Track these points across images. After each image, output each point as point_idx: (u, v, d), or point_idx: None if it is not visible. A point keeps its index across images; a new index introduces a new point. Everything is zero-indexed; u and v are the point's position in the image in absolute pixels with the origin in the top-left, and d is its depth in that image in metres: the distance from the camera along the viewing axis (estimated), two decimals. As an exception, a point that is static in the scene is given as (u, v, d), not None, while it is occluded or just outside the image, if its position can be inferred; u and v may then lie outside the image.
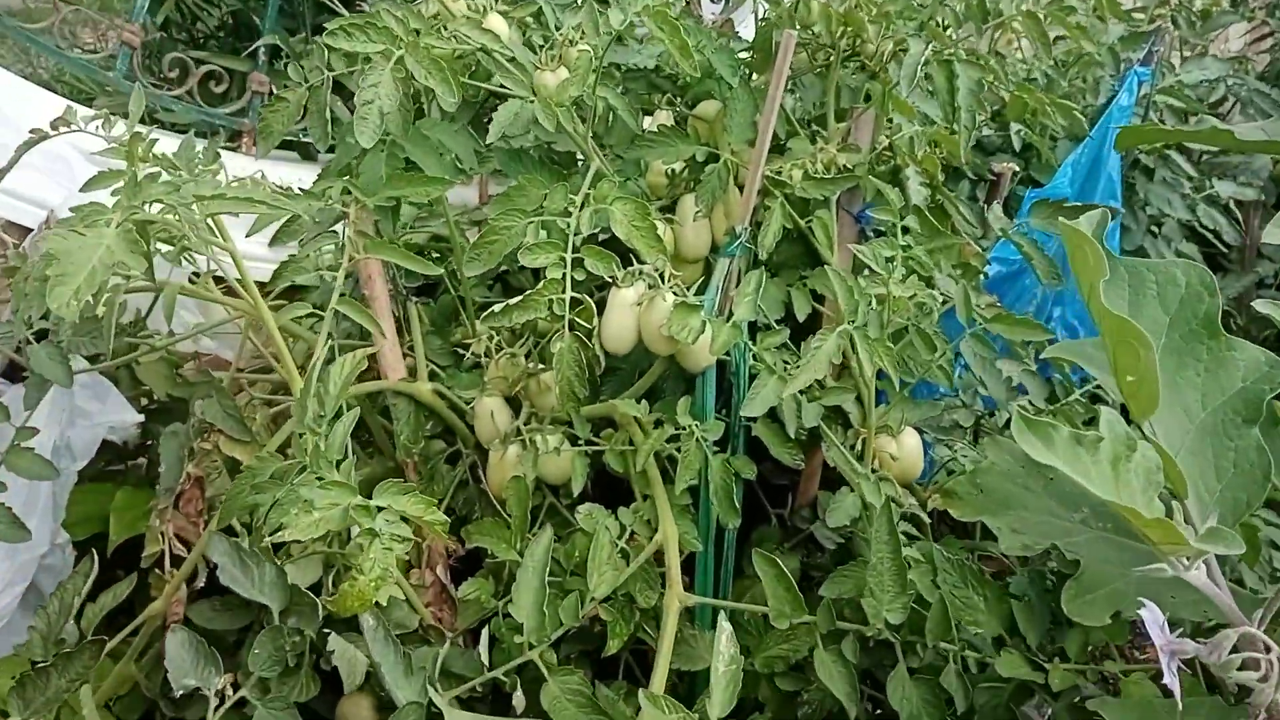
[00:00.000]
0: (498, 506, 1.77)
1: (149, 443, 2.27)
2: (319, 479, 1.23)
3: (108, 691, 1.79)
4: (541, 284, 1.59)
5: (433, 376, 1.95)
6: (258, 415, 2.00)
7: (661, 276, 1.65)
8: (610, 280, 1.62)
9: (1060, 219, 1.01)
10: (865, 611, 1.35)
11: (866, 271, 1.56)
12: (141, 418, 2.06)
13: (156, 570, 1.89)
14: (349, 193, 1.68)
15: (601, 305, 1.66)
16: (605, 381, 1.92)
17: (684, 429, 1.62)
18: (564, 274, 1.62)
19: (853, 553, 1.82)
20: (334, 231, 1.79)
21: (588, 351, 1.65)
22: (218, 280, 1.81)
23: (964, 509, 1.39)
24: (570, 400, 1.64)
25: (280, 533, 1.17)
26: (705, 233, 1.89)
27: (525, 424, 1.72)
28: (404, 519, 1.25)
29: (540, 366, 1.71)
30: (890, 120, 1.99)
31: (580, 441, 1.70)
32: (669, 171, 1.91)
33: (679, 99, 2.03)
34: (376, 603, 1.59)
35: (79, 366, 2.02)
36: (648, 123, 1.98)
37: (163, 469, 1.93)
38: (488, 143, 1.67)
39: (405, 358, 1.95)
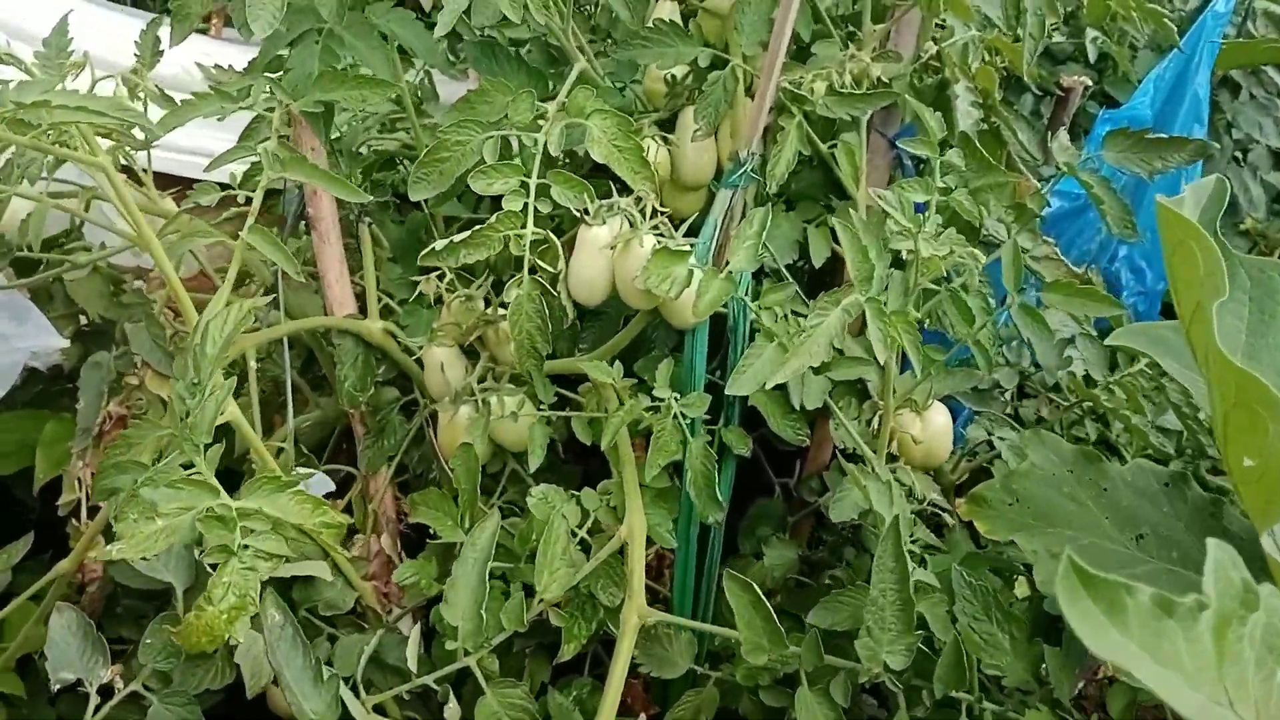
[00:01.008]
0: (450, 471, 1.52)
1: (87, 368, 2.04)
2: (178, 474, 0.98)
3: (12, 655, 1.59)
4: (496, 216, 1.30)
5: (389, 312, 1.68)
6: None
7: (645, 211, 1.35)
8: (580, 215, 1.33)
9: (1160, 202, 0.70)
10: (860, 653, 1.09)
11: (890, 221, 1.25)
12: (66, 343, 1.82)
13: (73, 520, 1.68)
14: (272, 93, 1.38)
15: (572, 244, 1.37)
16: (587, 327, 1.65)
17: (661, 401, 1.35)
18: (525, 204, 1.33)
19: (864, 542, 1.56)
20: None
21: (552, 300, 1.37)
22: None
23: (995, 524, 1.12)
24: (530, 357, 1.37)
25: (115, 546, 0.93)
26: (709, 154, 1.58)
27: (481, 381, 1.45)
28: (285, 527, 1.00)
29: (500, 313, 1.43)
30: (942, 23, 1.65)
31: (542, 406, 1.43)
32: (668, 78, 1.59)
33: (689, -12, 1.70)
34: (297, 579, 1.36)
35: (-8, 284, 1.79)
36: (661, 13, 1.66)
37: (81, 404, 1.70)
38: (441, 34, 1.35)
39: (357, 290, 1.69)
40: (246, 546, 0.97)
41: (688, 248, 1.32)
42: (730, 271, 1.30)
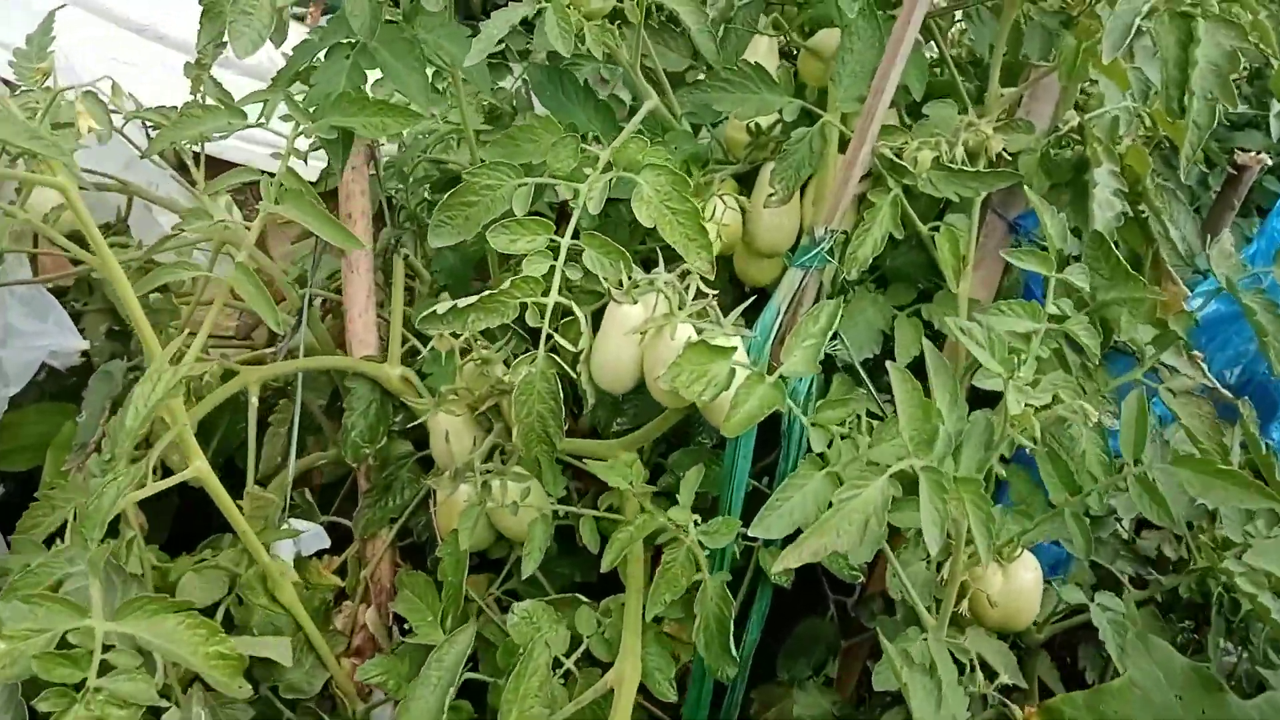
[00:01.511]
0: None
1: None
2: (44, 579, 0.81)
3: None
4: (510, 280, 1.10)
5: (415, 355, 1.50)
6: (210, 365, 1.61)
7: (689, 290, 1.13)
8: (608, 290, 1.12)
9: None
10: None
11: (972, 359, 0.98)
12: (85, 344, 1.71)
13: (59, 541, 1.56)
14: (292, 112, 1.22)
15: (599, 320, 1.16)
16: (629, 399, 1.43)
17: (679, 524, 1.12)
18: (551, 268, 1.13)
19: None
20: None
21: (576, 381, 1.16)
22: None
23: (1070, 759, 0.86)
24: (539, 443, 1.17)
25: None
26: (790, 218, 1.35)
27: (487, 459, 1.26)
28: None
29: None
30: (1090, 88, 1.37)
31: (552, 498, 1.23)
32: (752, 126, 1.36)
33: (796, 23, 1.46)
34: (257, 661, 1.19)
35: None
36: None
37: (83, 417, 1.57)
38: (474, 60, 1.16)
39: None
40: (100, 690, 0.80)
41: (733, 342, 1.10)
42: (778, 377, 1.07)
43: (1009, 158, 1.24)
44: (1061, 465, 1.00)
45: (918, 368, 1.39)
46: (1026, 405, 0.88)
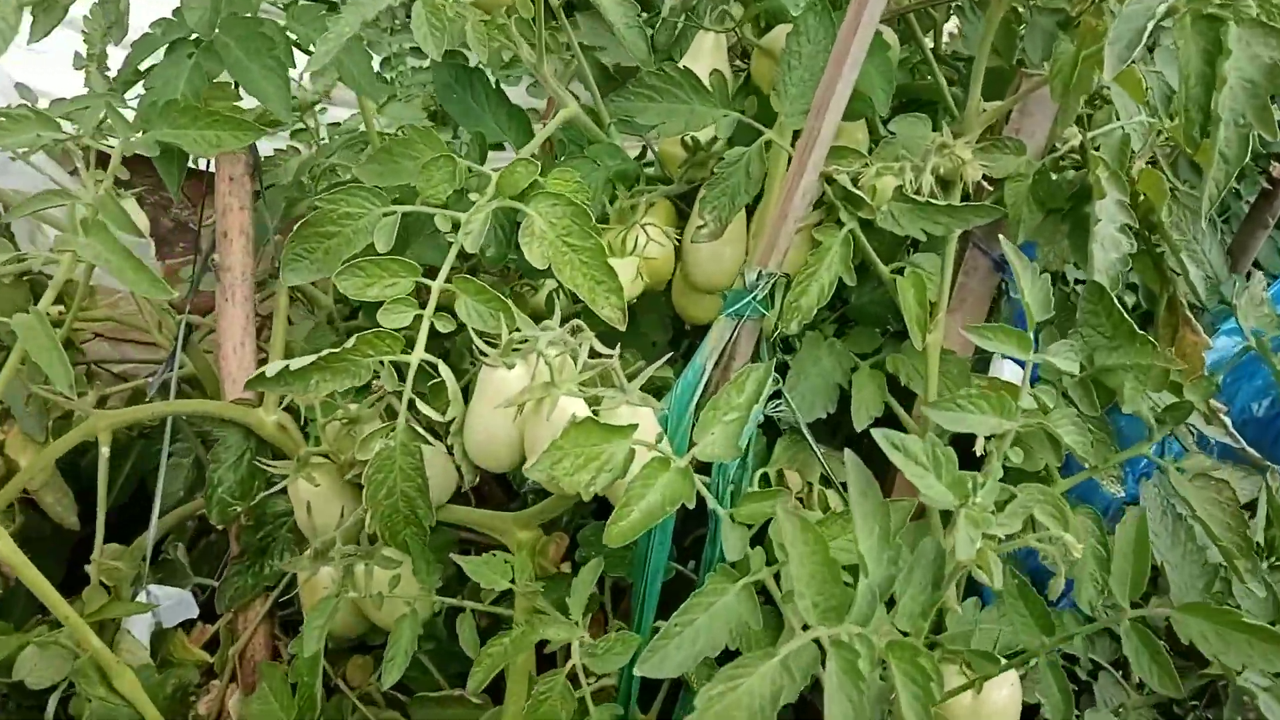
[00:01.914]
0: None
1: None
2: None
3: None
4: (355, 339, 0.89)
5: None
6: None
7: (591, 350, 0.91)
8: (477, 351, 0.90)
9: None
10: None
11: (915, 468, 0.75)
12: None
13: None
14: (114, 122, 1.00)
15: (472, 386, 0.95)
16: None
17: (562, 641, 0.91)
18: (416, 319, 0.92)
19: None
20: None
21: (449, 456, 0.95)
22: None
23: None
24: (406, 525, 0.96)
25: None
26: (734, 249, 1.13)
27: (351, 539, 1.05)
28: None
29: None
30: (1096, 102, 1.15)
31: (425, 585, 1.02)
32: (688, 140, 1.14)
33: (749, 15, 1.24)
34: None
35: None
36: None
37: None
38: (318, 65, 0.94)
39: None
40: None
41: (638, 416, 0.88)
42: (687, 465, 0.85)
43: (989, 187, 1.02)
44: (1035, 604, 0.77)
45: (886, 424, 1.18)
46: (986, 537, 0.66)
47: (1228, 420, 1.11)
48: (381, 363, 0.91)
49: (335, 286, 0.92)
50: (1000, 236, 0.82)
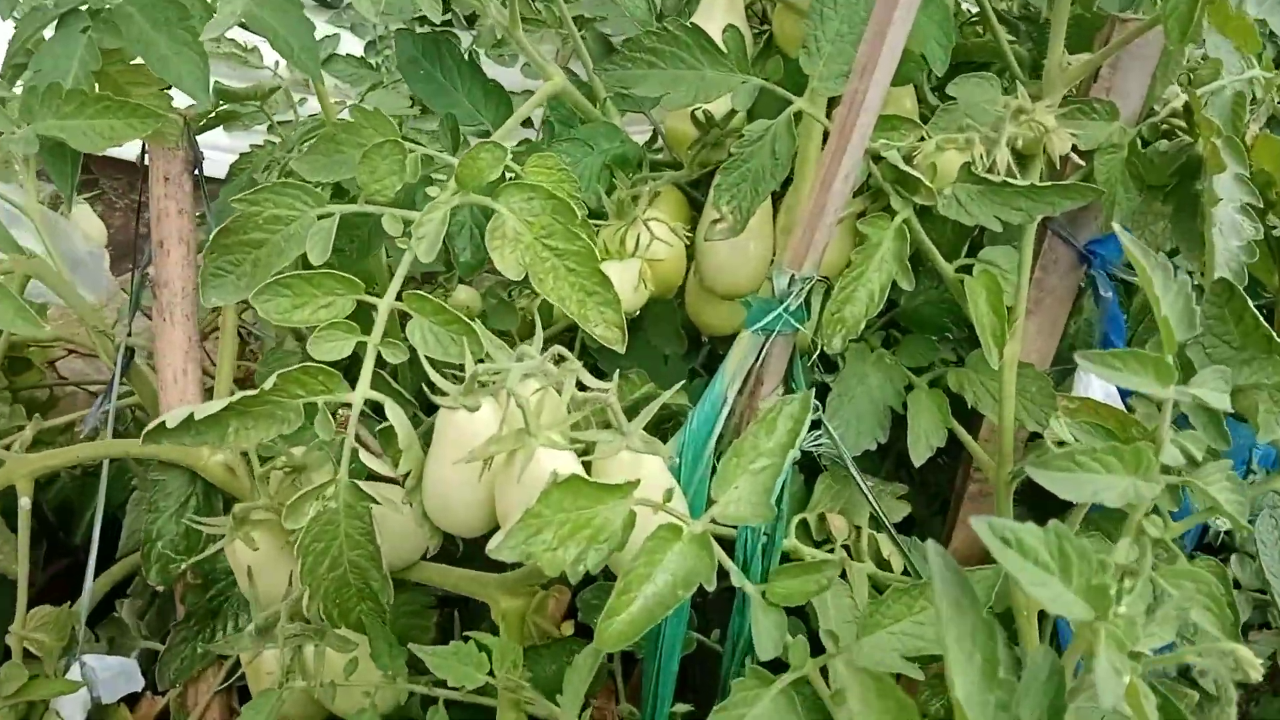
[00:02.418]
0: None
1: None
2: None
3: None
4: (277, 377, 0.70)
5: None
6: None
7: (578, 383, 0.71)
8: (431, 387, 0.70)
9: None
10: None
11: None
12: None
13: None
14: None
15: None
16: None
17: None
18: (359, 348, 0.73)
19: None
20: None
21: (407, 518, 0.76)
22: None
23: None
24: (358, 602, 0.77)
25: None
26: (759, 246, 0.93)
27: (297, 613, 0.86)
28: None
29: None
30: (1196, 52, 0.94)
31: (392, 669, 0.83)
32: (699, 115, 0.94)
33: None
34: None
35: None
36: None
37: None
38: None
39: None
40: None
41: (634, 471, 0.69)
42: (705, 530, 0.66)
43: (1079, 162, 0.81)
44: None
45: (947, 450, 0.98)
46: (1132, 655, 0.46)
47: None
48: (314, 405, 0.71)
49: (263, 315, 0.73)
50: (1115, 226, 0.62)
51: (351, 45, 1.98)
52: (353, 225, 0.92)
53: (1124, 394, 0.99)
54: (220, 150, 1.60)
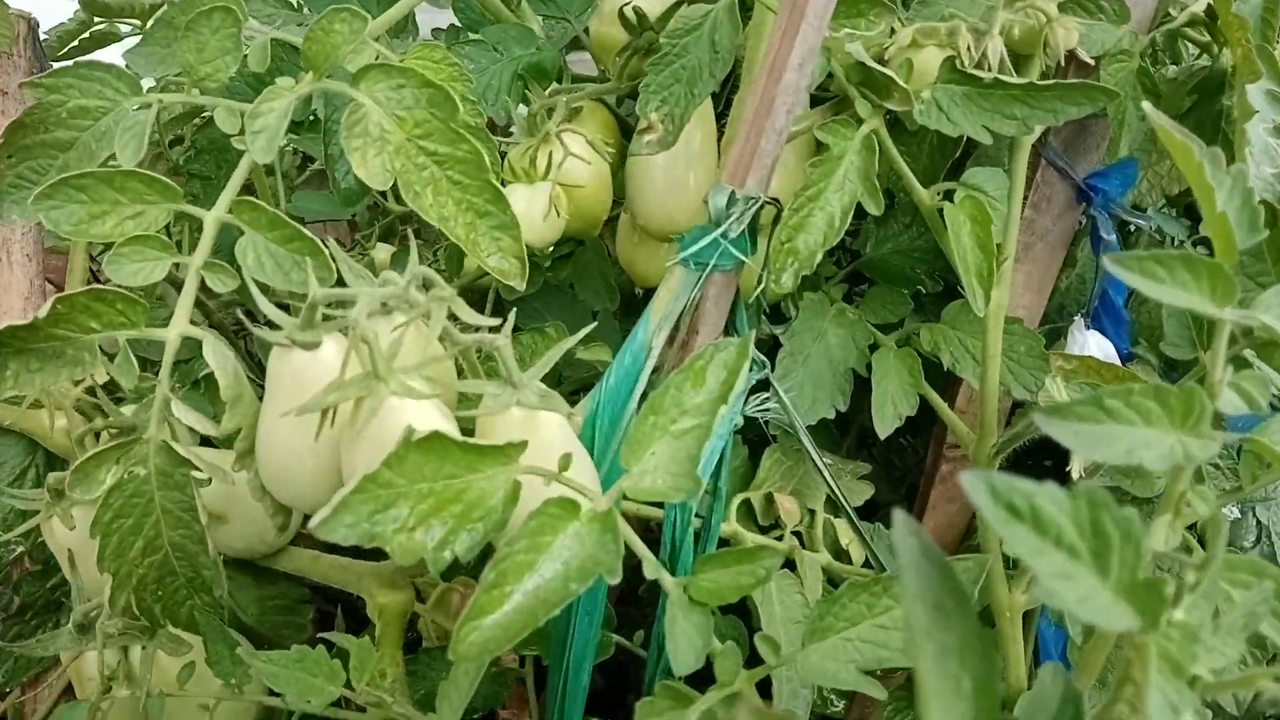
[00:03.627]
0: None
1: None
2: None
3: None
4: (58, 301, 0.54)
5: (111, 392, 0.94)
6: None
7: (452, 317, 0.56)
8: (278, 316, 0.54)
9: None
10: None
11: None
12: None
13: None
14: None
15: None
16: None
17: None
18: (175, 269, 0.57)
19: None
20: None
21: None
22: None
23: None
24: (189, 595, 0.61)
25: None
26: (699, 172, 0.77)
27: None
28: None
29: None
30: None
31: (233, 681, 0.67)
32: (629, 13, 0.78)
33: None
34: None
35: None
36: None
37: None
38: None
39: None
40: None
41: (524, 431, 0.53)
42: (619, 498, 0.50)
43: (1088, 62, 0.67)
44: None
45: (916, 426, 0.84)
46: (1189, 681, 0.32)
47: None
48: (114, 340, 0.55)
49: (49, 225, 0.57)
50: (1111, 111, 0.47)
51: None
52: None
53: (1124, 358, 0.85)
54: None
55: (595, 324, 0.71)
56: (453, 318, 0.55)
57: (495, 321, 0.56)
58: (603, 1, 0.80)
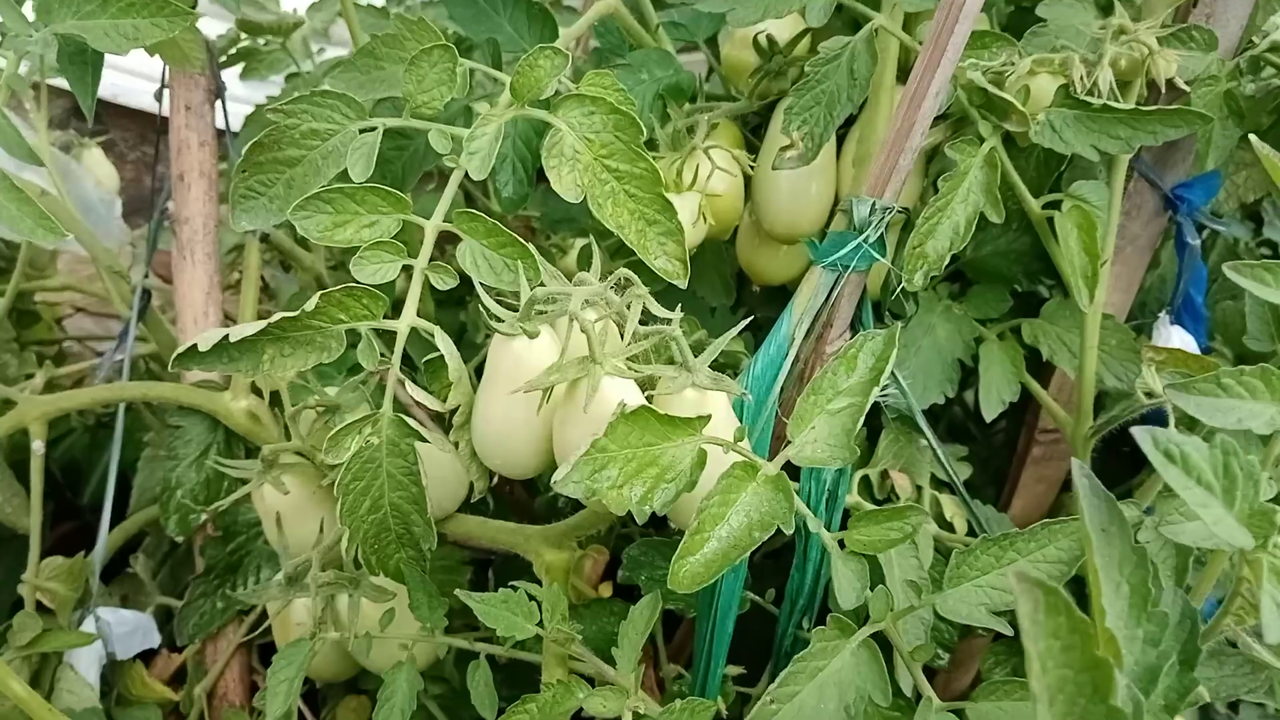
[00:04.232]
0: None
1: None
2: None
3: None
4: (319, 297, 0.64)
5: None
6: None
7: (645, 312, 0.66)
8: (488, 313, 0.65)
9: None
10: None
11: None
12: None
13: None
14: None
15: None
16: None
17: (602, 699, 0.66)
18: (405, 271, 0.67)
19: None
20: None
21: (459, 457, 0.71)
22: None
23: None
24: (398, 549, 0.72)
25: None
26: (822, 185, 0.87)
27: (330, 561, 0.81)
28: None
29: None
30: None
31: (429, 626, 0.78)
32: (761, 39, 0.88)
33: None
34: None
35: None
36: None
37: None
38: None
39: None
40: None
41: (710, 405, 0.63)
42: (780, 471, 0.60)
43: (1183, 88, 0.75)
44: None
45: (1014, 412, 0.93)
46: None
47: None
48: (358, 331, 0.66)
49: (301, 232, 0.67)
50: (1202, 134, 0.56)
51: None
52: (389, 152, 0.87)
53: (1202, 350, 0.94)
54: (237, 102, 1.55)
55: (730, 322, 0.81)
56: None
57: (670, 314, 0.66)
58: (734, 28, 0.90)
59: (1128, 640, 0.39)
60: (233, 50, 1.33)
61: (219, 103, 1.05)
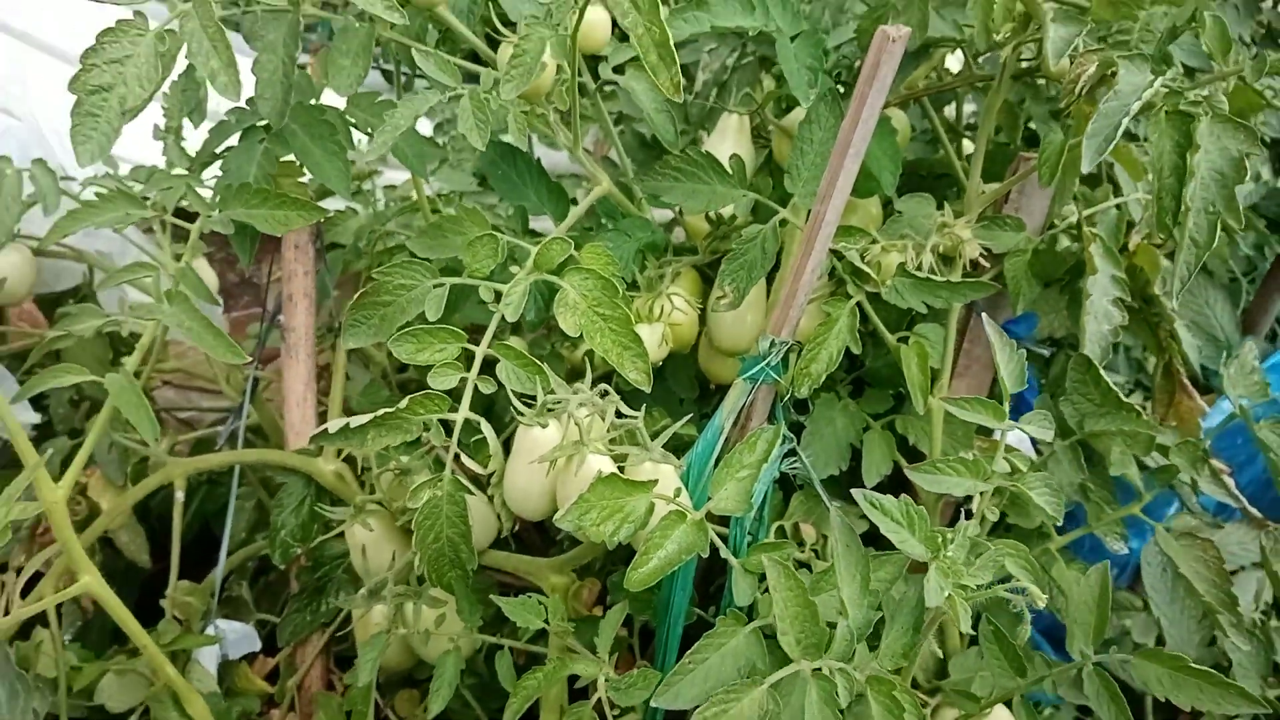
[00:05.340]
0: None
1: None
2: None
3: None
4: (408, 400, 1.00)
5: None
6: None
7: (617, 411, 1.01)
8: (514, 410, 1.00)
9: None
10: None
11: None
12: (36, 417, 1.65)
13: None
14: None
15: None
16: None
17: (590, 676, 1.00)
18: (462, 381, 1.02)
19: None
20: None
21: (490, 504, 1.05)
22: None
23: None
24: (451, 568, 1.06)
25: None
26: (755, 314, 1.22)
27: (402, 578, 1.15)
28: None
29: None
30: (1105, 179, 1.23)
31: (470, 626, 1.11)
32: (712, 215, 1.24)
33: (772, 97, 1.35)
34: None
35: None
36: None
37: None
38: (375, 155, 1.06)
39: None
40: None
41: (659, 472, 0.98)
42: (701, 517, 0.94)
43: (986, 264, 1.11)
44: (1008, 648, 0.85)
45: (893, 485, 1.26)
46: (958, 588, 0.74)
47: (1229, 481, 1.17)
48: (430, 421, 1.01)
49: (396, 355, 1.03)
50: (983, 315, 0.91)
51: (422, 126, 2.31)
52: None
53: (1035, 444, 1.27)
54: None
55: (691, 410, 1.16)
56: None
57: (635, 414, 1.01)
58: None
59: (855, 605, 0.72)
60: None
61: (318, 239, 1.42)
